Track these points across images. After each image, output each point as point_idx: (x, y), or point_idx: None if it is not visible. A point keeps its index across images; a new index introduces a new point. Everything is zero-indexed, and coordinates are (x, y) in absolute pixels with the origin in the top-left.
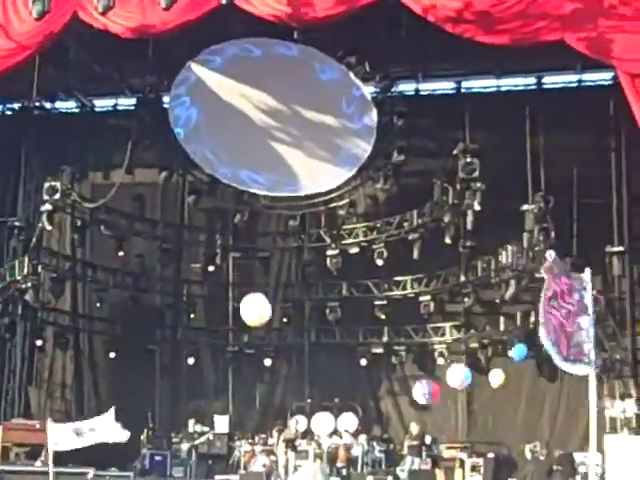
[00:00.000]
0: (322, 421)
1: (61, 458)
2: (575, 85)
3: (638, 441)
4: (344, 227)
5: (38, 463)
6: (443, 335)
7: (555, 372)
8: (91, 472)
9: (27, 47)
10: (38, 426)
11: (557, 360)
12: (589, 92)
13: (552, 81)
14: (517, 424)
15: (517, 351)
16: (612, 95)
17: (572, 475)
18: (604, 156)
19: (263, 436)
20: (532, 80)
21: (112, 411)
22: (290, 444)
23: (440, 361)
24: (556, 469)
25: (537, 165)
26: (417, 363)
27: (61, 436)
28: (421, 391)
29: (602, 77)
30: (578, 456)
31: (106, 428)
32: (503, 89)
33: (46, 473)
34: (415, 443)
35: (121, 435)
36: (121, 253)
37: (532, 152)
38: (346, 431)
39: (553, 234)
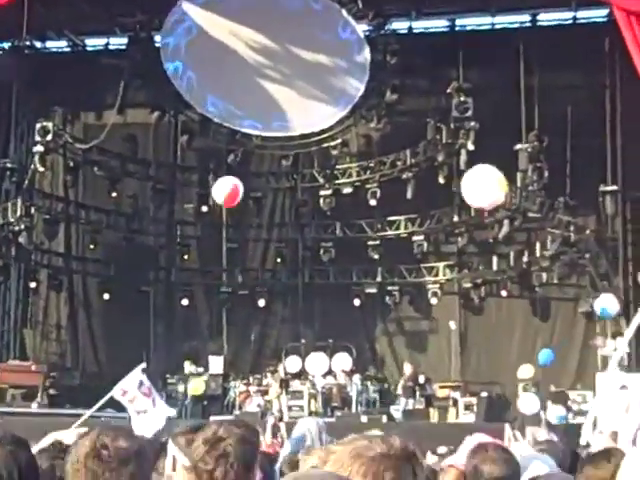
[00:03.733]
0: (316, 361)
1: (57, 400)
2: (570, 22)
3: (630, 378)
4: (337, 167)
5: (34, 405)
6: (437, 275)
7: (548, 311)
8: (87, 413)
9: None
10: (34, 367)
11: None
12: (584, 29)
13: (547, 18)
14: (510, 363)
15: (543, 356)
16: (607, 32)
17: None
18: (599, 94)
19: (258, 377)
20: (526, 17)
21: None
22: (284, 384)
23: (433, 301)
24: (549, 406)
25: (531, 104)
26: (411, 303)
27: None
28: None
29: (597, 14)
30: (571, 393)
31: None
32: (497, 27)
33: (42, 415)
34: (409, 383)
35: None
36: (114, 194)
37: (526, 91)
38: (342, 371)
39: (547, 173)
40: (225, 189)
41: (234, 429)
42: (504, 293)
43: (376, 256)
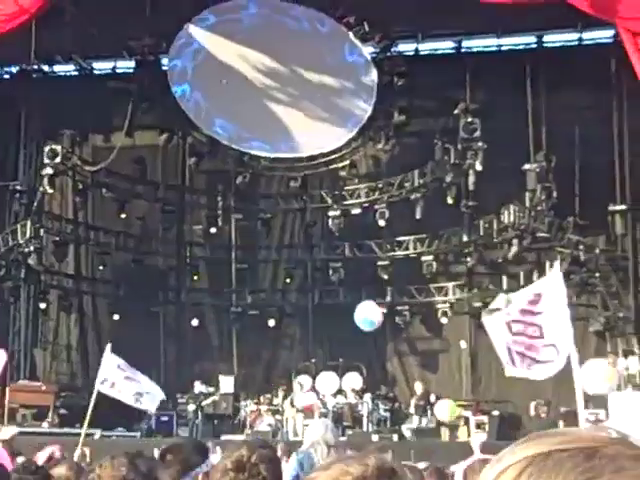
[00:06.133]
0: (327, 381)
1: (67, 419)
2: (576, 43)
3: None
4: (346, 188)
5: (45, 424)
6: (446, 295)
7: None
8: (98, 432)
9: (26, 10)
10: (44, 388)
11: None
12: (590, 50)
13: (553, 39)
14: (521, 382)
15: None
16: (613, 53)
17: None
18: (606, 114)
19: (268, 396)
20: (532, 39)
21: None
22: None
23: (444, 320)
24: (561, 426)
25: (538, 124)
26: (421, 323)
27: (112, 371)
28: None
29: (603, 35)
30: (582, 413)
31: (149, 397)
32: (504, 48)
33: (52, 434)
34: (420, 402)
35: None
36: (123, 215)
37: (533, 111)
38: (352, 390)
39: (555, 193)
40: None
41: (262, 451)
42: None
43: (385, 276)
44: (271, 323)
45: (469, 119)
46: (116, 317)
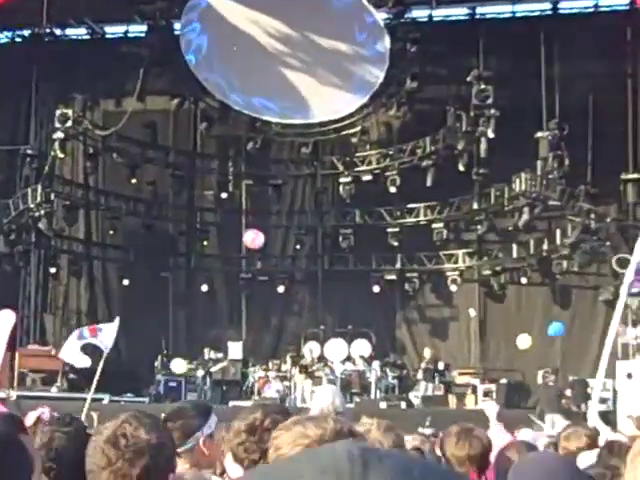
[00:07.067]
0: (335, 347)
1: (76, 384)
2: (591, 10)
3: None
4: (357, 154)
5: (54, 389)
6: (456, 262)
7: (568, 299)
8: (107, 397)
9: None
10: (54, 352)
11: None
12: (605, 17)
13: (568, 6)
14: (530, 350)
15: (553, 328)
16: (629, 20)
17: (585, 400)
18: (620, 82)
19: (277, 362)
20: (547, 5)
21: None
22: (304, 370)
23: (453, 288)
24: (569, 394)
25: (552, 92)
26: (431, 290)
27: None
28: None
29: (618, 2)
30: (591, 382)
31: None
32: (518, 15)
33: (62, 399)
34: (429, 367)
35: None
36: (134, 180)
37: (547, 79)
38: (360, 357)
39: (567, 162)
40: None
41: (276, 417)
42: (524, 281)
43: (395, 243)
44: (280, 289)
45: (482, 86)
46: (126, 282)
